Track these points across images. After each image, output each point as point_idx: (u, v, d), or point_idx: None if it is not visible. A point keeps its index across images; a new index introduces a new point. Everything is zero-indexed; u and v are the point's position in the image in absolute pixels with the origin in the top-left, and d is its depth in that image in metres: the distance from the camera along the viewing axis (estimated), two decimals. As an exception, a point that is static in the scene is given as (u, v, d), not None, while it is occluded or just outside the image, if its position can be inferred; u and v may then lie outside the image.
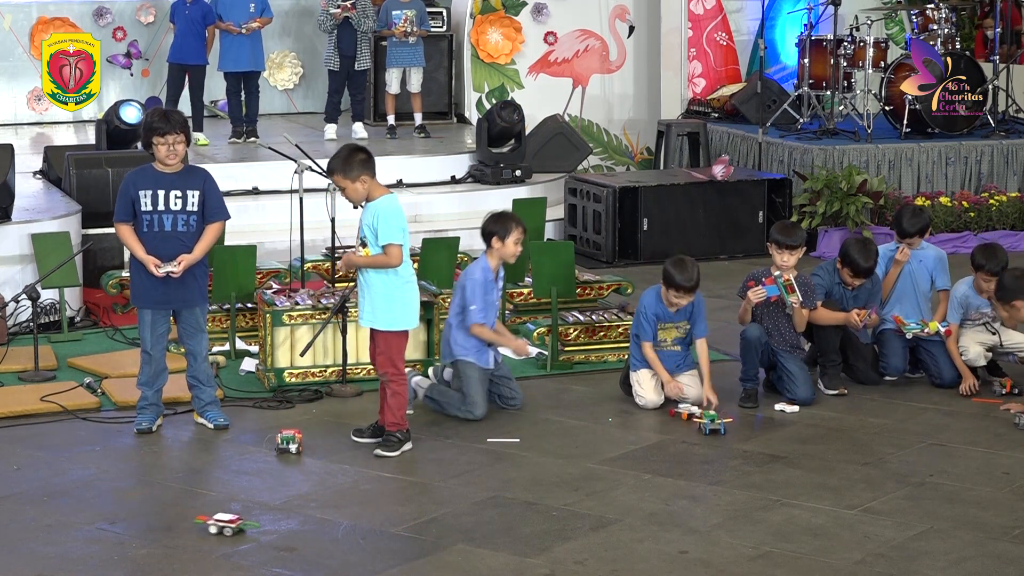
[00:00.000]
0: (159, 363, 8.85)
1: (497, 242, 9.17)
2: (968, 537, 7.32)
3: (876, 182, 14.11)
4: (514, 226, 9.20)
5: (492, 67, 16.75)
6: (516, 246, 9.21)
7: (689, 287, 9.18)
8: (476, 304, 9.07)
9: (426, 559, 7.03)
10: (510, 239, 9.16)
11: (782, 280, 9.32)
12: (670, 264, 9.25)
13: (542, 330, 10.54)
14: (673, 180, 14.30)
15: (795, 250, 9.50)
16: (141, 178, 8.71)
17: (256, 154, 14.52)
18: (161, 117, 8.70)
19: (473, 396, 9.06)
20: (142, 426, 8.81)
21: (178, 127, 8.67)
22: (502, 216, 9.33)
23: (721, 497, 7.85)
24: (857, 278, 9.68)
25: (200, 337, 8.90)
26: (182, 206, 8.68)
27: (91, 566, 6.95)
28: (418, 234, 12.70)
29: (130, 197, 8.67)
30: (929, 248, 10.22)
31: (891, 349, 9.91)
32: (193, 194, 8.69)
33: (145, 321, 8.79)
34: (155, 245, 8.66)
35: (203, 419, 8.96)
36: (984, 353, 9.77)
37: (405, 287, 8.51)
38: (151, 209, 8.65)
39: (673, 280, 9.18)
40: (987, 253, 9.84)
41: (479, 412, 9.05)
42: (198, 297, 8.85)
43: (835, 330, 9.72)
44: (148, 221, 8.66)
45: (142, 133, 8.92)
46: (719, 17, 17.16)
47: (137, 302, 8.82)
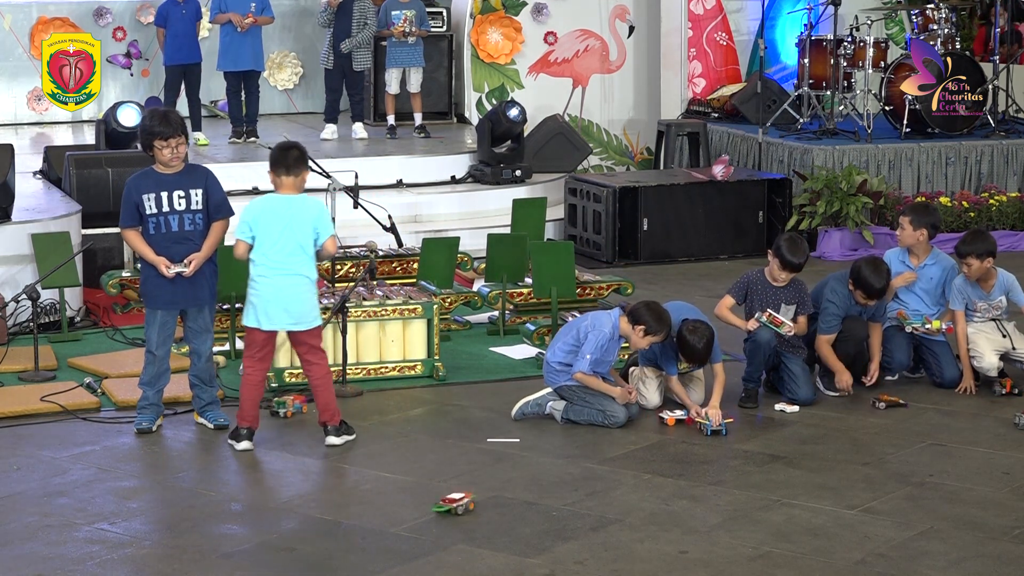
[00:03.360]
0: (163, 363, 8.85)
1: (640, 331, 9.02)
2: (968, 537, 7.31)
3: (876, 182, 14.11)
4: (664, 333, 9.04)
5: (492, 67, 16.75)
6: (647, 345, 9.11)
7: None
8: (592, 355, 9.01)
9: (426, 559, 7.03)
10: (649, 339, 9.05)
11: (765, 319, 9.37)
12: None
13: (542, 330, 10.55)
14: (673, 180, 14.30)
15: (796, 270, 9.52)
16: (143, 182, 8.72)
17: (256, 154, 14.51)
18: (161, 120, 8.68)
19: (608, 405, 9.02)
20: (142, 426, 8.82)
21: (180, 129, 8.69)
22: (662, 317, 9.08)
23: (721, 497, 7.85)
24: (871, 299, 9.64)
25: (206, 337, 8.91)
26: (186, 205, 8.69)
27: (91, 566, 6.95)
28: (418, 234, 12.76)
29: (134, 202, 8.68)
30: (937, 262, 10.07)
31: (895, 344, 9.89)
32: (196, 192, 8.70)
33: (154, 322, 8.79)
34: (165, 246, 8.67)
35: (203, 419, 8.96)
36: (998, 364, 9.76)
37: (252, 284, 8.57)
38: (156, 211, 8.66)
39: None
40: (966, 238, 9.85)
41: (622, 416, 9.02)
42: (208, 296, 8.87)
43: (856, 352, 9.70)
44: (155, 223, 8.67)
45: (141, 136, 8.90)
46: (719, 17, 17.16)
47: (151, 304, 8.80)
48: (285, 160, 8.61)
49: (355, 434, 8.71)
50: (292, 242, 8.50)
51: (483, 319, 11.42)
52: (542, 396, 9.21)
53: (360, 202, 11.15)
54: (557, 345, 9.21)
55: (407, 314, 9.99)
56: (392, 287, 10.46)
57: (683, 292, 12.15)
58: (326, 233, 8.54)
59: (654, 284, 12.35)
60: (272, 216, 8.52)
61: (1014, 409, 9.20)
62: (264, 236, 8.49)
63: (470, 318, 11.39)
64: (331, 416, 8.65)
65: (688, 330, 9.09)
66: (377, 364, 9.94)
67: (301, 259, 8.52)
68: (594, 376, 9.05)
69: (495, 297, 11.11)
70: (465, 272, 11.86)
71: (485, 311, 11.37)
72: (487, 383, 9.97)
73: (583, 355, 9.03)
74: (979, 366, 9.76)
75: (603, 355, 9.07)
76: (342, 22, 15.38)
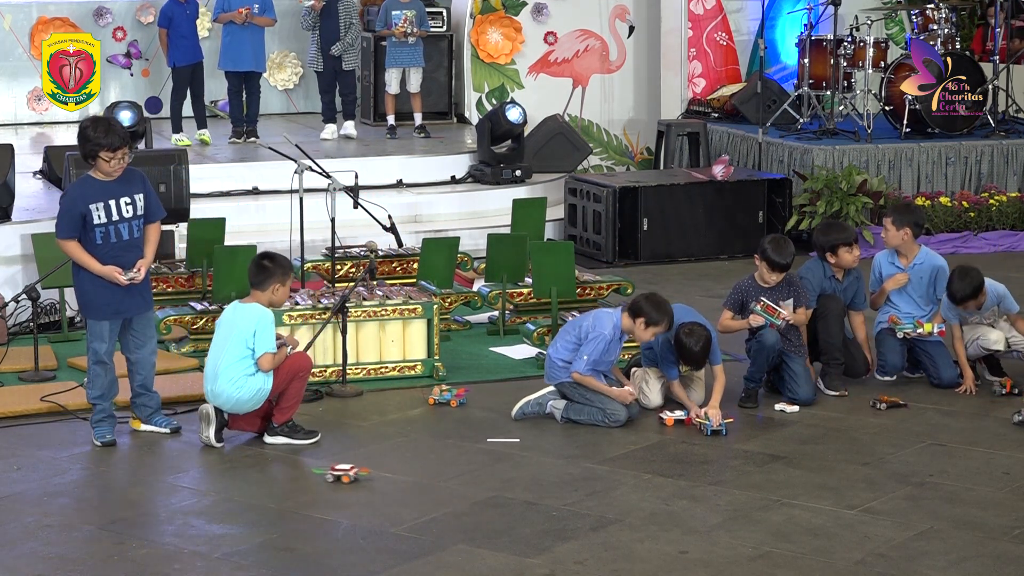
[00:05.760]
0: (113, 372, 8.72)
1: (641, 324, 9.03)
2: (968, 537, 7.31)
3: (876, 182, 14.11)
4: (666, 323, 9.04)
5: (492, 67, 16.75)
6: (652, 337, 9.12)
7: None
8: (591, 356, 9.02)
9: (426, 559, 7.03)
10: (652, 330, 9.05)
11: (759, 309, 9.38)
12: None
13: (542, 330, 10.55)
14: (673, 180, 14.29)
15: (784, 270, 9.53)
16: (88, 191, 8.48)
17: (256, 154, 14.52)
18: (107, 131, 8.41)
19: (609, 404, 9.01)
20: (106, 438, 8.65)
21: (126, 139, 8.50)
22: (661, 306, 9.08)
23: (721, 497, 7.85)
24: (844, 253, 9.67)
25: (153, 342, 8.83)
26: (133, 212, 8.54)
27: (91, 566, 6.95)
28: (418, 234, 12.76)
29: (80, 212, 8.43)
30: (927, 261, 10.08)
31: (888, 348, 9.90)
32: (139, 197, 8.57)
33: (103, 332, 8.60)
34: (115, 256, 8.50)
35: (151, 426, 8.87)
36: (1004, 337, 9.75)
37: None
38: (106, 220, 8.47)
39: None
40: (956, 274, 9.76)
41: (623, 415, 9.01)
42: (150, 302, 8.81)
43: (838, 329, 9.73)
44: (103, 233, 8.46)
45: (83, 145, 8.49)
46: (719, 17, 17.15)
47: (97, 315, 8.59)
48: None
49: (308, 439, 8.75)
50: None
51: (483, 319, 11.43)
52: (542, 395, 9.21)
53: (360, 202, 11.15)
54: (560, 342, 9.21)
55: (407, 314, 9.99)
56: (392, 287, 10.46)
57: (683, 292, 12.15)
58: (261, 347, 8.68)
59: (654, 284, 12.34)
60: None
61: (1014, 409, 9.19)
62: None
63: (470, 318, 11.39)
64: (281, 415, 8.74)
65: (685, 333, 9.11)
66: (377, 364, 9.94)
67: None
68: (592, 376, 9.05)
69: (495, 297, 11.12)
70: (465, 272, 11.87)
71: (485, 311, 11.37)
72: (487, 383, 9.97)
73: (581, 356, 9.04)
74: (983, 341, 9.75)
75: (602, 356, 9.07)
76: (328, 23, 15.38)
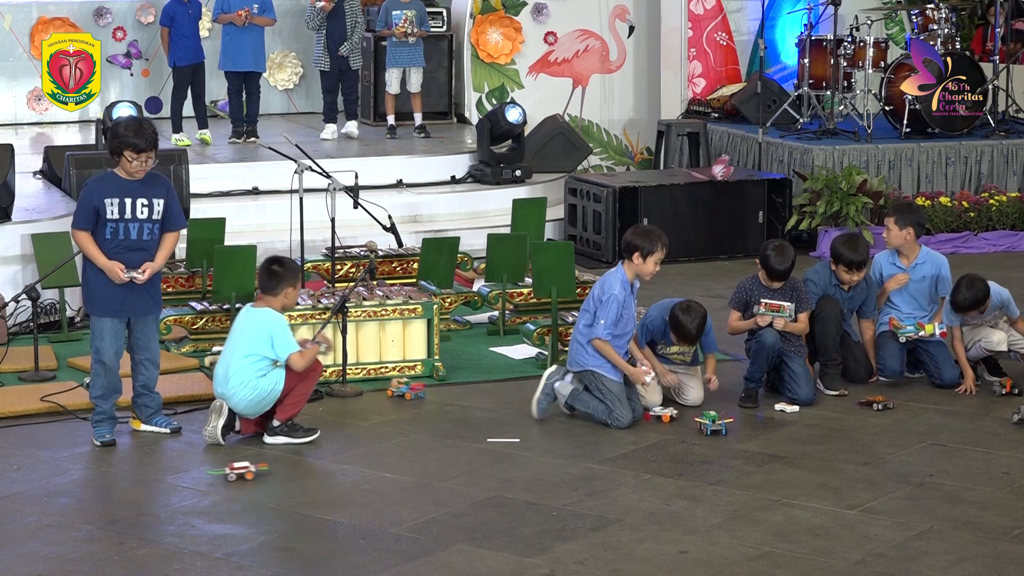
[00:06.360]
0: (116, 374, 8.71)
1: (638, 258, 8.99)
2: (968, 537, 7.31)
3: (876, 182, 14.11)
4: (660, 246, 8.98)
5: (492, 67, 16.75)
6: (655, 266, 9.02)
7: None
8: (607, 319, 8.94)
9: (426, 559, 7.03)
10: (652, 258, 8.98)
11: (763, 310, 9.41)
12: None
13: (542, 330, 10.54)
14: (673, 180, 14.30)
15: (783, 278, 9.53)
16: (106, 186, 8.51)
17: (256, 154, 14.52)
18: (137, 132, 8.44)
19: (618, 407, 8.99)
20: (105, 438, 8.66)
21: (153, 143, 8.49)
22: (649, 233, 9.05)
23: (721, 497, 7.85)
24: (852, 273, 9.68)
25: (156, 345, 8.83)
26: (148, 214, 8.53)
27: (91, 566, 6.95)
28: (418, 234, 12.76)
29: (94, 205, 8.47)
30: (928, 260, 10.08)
31: (887, 351, 9.89)
32: (158, 202, 8.55)
33: (104, 331, 8.60)
34: (118, 253, 8.50)
35: (151, 426, 8.87)
36: (1006, 338, 9.76)
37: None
38: (117, 217, 8.48)
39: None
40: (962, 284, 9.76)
41: (627, 421, 8.99)
42: (156, 305, 8.78)
43: (836, 330, 9.72)
44: (113, 229, 8.49)
45: (111, 141, 8.54)
46: (719, 17, 17.15)
47: (97, 311, 8.61)
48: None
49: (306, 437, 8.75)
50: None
51: (483, 319, 11.43)
52: (546, 384, 9.19)
53: (360, 202, 11.15)
54: (580, 322, 9.18)
55: (407, 314, 9.99)
56: (392, 287, 10.46)
57: (683, 292, 12.10)
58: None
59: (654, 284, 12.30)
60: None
61: (1014, 409, 9.19)
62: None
63: (470, 318, 11.39)
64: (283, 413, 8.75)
65: (681, 309, 9.14)
66: (377, 364, 9.94)
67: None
68: (611, 346, 8.96)
69: (495, 297, 11.12)
70: (465, 272, 11.86)
71: (485, 311, 11.37)
72: (487, 383, 9.97)
73: (598, 321, 8.98)
74: (987, 342, 9.75)
75: (619, 316, 8.95)
76: (335, 23, 15.38)
